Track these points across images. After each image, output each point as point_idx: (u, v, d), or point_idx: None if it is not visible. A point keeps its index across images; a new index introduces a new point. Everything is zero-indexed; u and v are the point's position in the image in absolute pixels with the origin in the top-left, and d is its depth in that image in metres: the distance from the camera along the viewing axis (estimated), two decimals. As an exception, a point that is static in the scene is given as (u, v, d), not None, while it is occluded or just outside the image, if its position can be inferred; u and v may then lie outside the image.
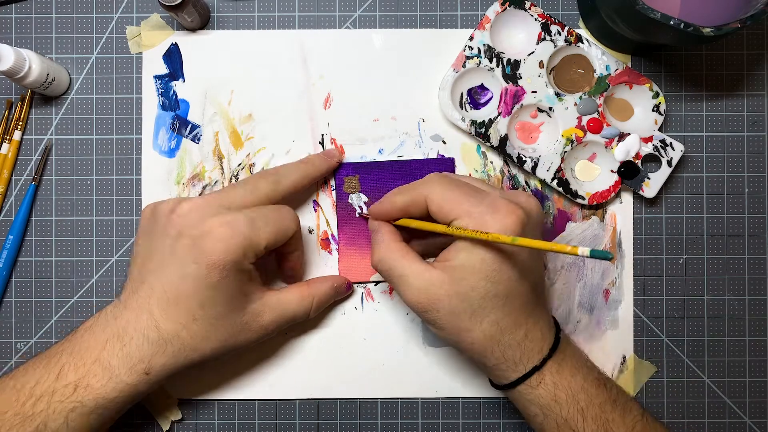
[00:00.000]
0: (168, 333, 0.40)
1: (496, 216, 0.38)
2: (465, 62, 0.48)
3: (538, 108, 0.49)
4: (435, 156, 0.50)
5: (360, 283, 0.50)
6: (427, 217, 0.42)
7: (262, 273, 0.43)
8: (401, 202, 0.42)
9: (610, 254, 0.32)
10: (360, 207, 0.49)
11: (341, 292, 0.49)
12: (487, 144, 0.49)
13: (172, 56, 0.50)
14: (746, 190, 0.50)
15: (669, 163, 0.48)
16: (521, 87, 0.48)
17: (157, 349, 0.40)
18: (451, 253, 0.40)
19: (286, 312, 0.44)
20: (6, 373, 0.41)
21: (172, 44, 0.50)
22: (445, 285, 0.39)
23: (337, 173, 0.50)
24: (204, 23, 0.50)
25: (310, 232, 0.50)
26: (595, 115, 0.49)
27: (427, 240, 0.46)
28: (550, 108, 0.49)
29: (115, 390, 0.40)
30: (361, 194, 0.49)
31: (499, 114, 0.49)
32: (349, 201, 0.49)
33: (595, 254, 0.32)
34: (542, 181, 0.49)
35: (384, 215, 0.43)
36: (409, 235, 0.45)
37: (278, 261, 0.48)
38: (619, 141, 0.48)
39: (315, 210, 0.50)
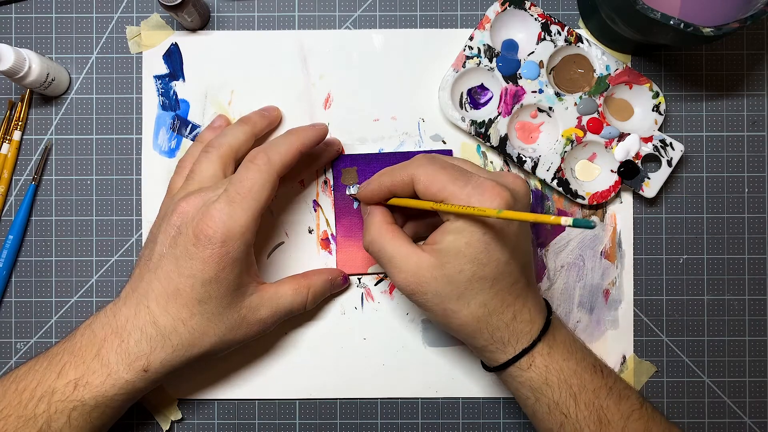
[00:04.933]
0: (166, 328, 0.40)
1: (482, 198, 0.38)
2: (465, 62, 0.48)
3: (538, 108, 0.49)
4: (435, 156, 0.50)
5: (357, 275, 0.50)
6: (416, 197, 0.42)
7: (260, 269, 0.43)
8: (388, 182, 0.42)
9: (592, 222, 0.32)
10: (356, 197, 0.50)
11: (337, 285, 0.48)
12: (487, 144, 0.49)
13: (172, 56, 0.50)
14: (746, 190, 0.50)
15: (669, 163, 0.48)
16: (521, 87, 0.49)
17: (155, 345, 0.40)
18: (438, 236, 0.40)
19: (282, 304, 0.44)
20: (8, 374, 0.41)
21: (172, 44, 0.50)
22: (432, 268, 0.39)
23: (334, 165, 0.50)
24: (204, 23, 0.50)
25: (310, 232, 0.50)
26: (595, 115, 0.49)
27: (421, 222, 0.46)
28: (550, 108, 0.49)
29: (114, 387, 0.40)
30: (359, 186, 0.49)
31: (499, 114, 0.49)
32: (347, 193, 0.50)
33: (577, 223, 0.32)
34: (542, 181, 0.49)
35: (372, 196, 0.43)
36: (404, 218, 0.46)
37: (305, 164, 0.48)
38: (619, 141, 0.48)
39: (315, 210, 0.50)
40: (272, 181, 0.41)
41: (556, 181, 0.49)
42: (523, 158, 0.49)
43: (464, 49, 0.48)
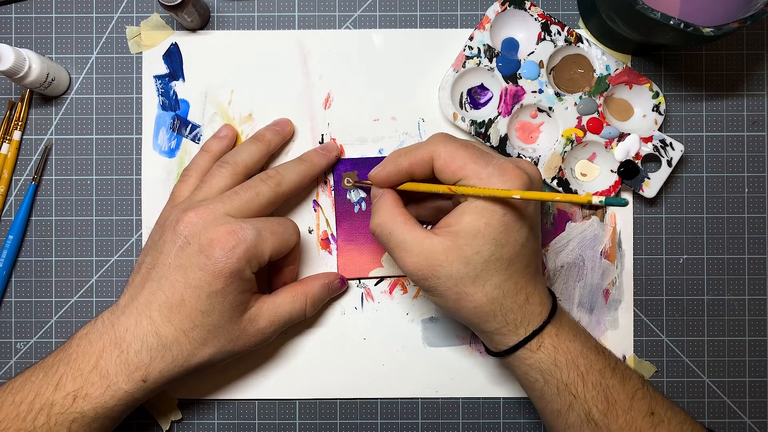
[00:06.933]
0: (168, 339, 0.40)
1: (504, 178, 0.38)
2: (465, 62, 0.48)
3: (538, 108, 0.49)
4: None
5: (359, 279, 0.50)
6: (431, 179, 0.41)
7: (258, 280, 0.44)
8: (406, 162, 0.40)
9: (624, 200, 0.32)
10: (359, 203, 0.49)
11: (335, 289, 0.48)
12: (487, 144, 0.49)
13: (172, 56, 0.50)
14: (746, 190, 0.50)
15: (669, 163, 0.48)
16: (521, 87, 0.49)
17: (155, 356, 0.40)
18: (453, 218, 0.39)
19: (281, 314, 0.44)
20: (3, 386, 0.41)
21: (172, 44, 0.50)
22: (447, 251, 0.38)
23: (335, 169, 0.50)
24: (204, 23, 0.50)
25: (310, 232, 0.50)
26: (595, 115, 0.49)
27: (423, 205, 0.46)
28: (550, 108, 0.49)
29: (114, 398, 0.40)
30: (360, 190, 0.49)
31: (499, 114, 0.49)
32: (348, 197, 0.50)
33: (609, 201, 0.33)
34: (542, 181, 0.49)
35: (388, 179, 0.42)
36: (406, 201, 0.45)
37: (270, 274, 0.47)
38: (619, 141, 0.48)
39: (315, 210, 0.50)
40: (278, 203, 0.45)
41: (556, 181, 0.49)
42: (523, 158, 0.49)
43: (464, 49, 0.48)
